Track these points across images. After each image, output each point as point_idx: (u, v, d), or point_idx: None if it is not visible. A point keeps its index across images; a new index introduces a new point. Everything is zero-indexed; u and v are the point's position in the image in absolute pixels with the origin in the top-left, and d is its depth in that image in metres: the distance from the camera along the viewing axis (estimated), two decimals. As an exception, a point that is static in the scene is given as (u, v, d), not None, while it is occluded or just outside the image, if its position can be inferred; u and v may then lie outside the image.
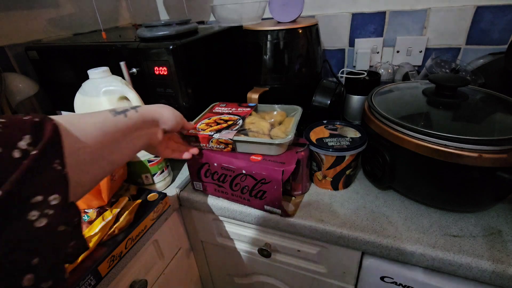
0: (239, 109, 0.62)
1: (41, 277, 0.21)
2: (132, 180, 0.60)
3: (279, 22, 0.69)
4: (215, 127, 0.55)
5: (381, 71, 0.80)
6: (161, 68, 0.59)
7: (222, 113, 0.60)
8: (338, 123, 0.61)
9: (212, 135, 0.52)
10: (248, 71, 0.72)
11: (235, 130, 0.53)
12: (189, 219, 0.69)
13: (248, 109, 0.61)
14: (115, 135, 0.32)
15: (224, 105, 0.64)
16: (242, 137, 0.51)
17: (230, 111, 0.61)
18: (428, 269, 0.48)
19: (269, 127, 0.55)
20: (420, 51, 0.83)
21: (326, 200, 0.55)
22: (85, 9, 0.95)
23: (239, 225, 0.63)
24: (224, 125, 0.55)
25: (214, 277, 0.82)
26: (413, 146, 0.45)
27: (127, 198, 0.55)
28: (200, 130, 0.54)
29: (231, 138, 0.51)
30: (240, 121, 0.56)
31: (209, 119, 0.58)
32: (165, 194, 0.57)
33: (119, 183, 0.57)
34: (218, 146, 0.53)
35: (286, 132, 0.53)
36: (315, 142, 0.54)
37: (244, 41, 0.71)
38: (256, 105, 0.63)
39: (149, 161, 0.57)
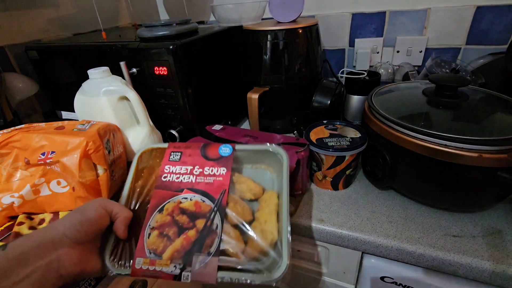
0: (205, 167, 0.38)
1: None
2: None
3: (279, 22, 0.69)
4: (179, 241, 0.31)
5: (381, 71, 0.80)
6: (161, 68, 0.59)
7: (178, 188, 0.36)
8: (338, 123, 0.61)
9: (180, 274, 0.30)
10: (248, 71, 0.72)
11: (211, 257, 0.30)
12: (189, 219, 0.69)
13: (222, 171, 0.37)
14: None
15: (179, 154, 0.39)
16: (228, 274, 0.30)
17: (193, 179, 0.36)
18: (428, 269, 0.48)
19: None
20: (420, 51, 0.83)
21: (326, 200, 0.55)
22: (85, 9, 0.95)
23: (239, 225, 0.63)
24: (192, 233, 0.32)
25: (214, 277, 0.82)
26: (413, 146, 0.45)
27: (127, 198, 0.55)
28: (152, 251, 0.32)
29: (217, 276, 0.30)
30: (216, 222, 0.33)
31: (161, 212, 0.34)
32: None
33: (119, 183, 0.57)
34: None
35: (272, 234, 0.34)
36: (315, 142, 0.54)
37: (244, 41, 0.71)
38: (231, 154, 0.39)
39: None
